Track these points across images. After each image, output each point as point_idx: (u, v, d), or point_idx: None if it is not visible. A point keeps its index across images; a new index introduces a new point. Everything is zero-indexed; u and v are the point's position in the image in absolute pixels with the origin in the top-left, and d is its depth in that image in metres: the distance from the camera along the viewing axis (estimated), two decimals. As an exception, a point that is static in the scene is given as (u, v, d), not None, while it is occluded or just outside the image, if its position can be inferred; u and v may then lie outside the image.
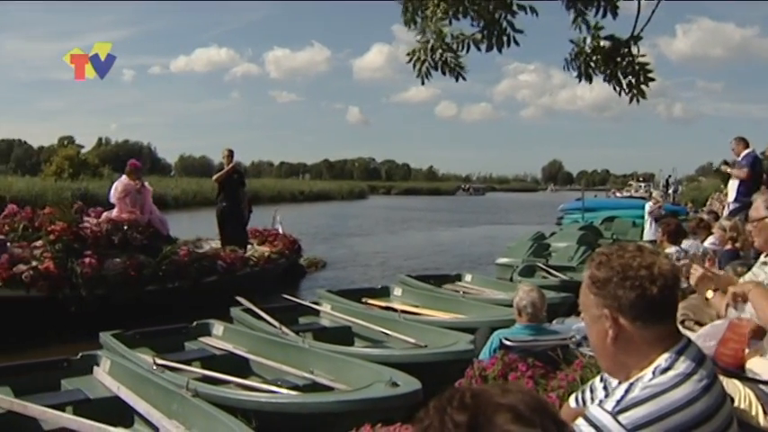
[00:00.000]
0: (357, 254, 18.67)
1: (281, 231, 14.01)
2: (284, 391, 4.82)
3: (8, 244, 8.64)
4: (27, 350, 6.79)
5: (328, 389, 4.99)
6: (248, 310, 7.40)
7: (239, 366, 5.80)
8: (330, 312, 7.77)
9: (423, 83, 4.86)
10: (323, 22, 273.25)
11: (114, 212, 10.15)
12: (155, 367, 5.28)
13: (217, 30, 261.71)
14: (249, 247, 12.26)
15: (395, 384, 4.48)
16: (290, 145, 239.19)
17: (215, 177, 12.50)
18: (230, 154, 12.24)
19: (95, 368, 5.54)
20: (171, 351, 6.10)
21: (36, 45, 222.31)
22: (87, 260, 8.54)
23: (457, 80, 4.92)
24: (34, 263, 8.31)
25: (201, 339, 6.65)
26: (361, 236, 24.65)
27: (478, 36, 4.83)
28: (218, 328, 6.81)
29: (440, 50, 4.72)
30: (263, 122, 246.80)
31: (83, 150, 54.54)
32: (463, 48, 4.82)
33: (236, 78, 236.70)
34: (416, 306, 8.30)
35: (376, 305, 8.30)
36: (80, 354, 5.65)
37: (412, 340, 6.28)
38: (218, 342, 6.50)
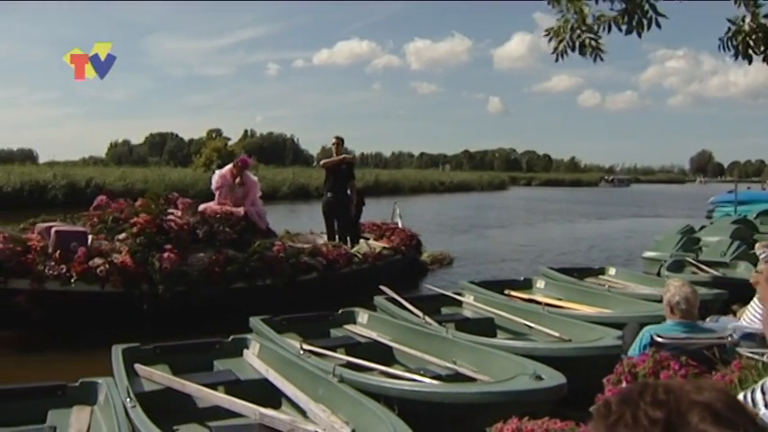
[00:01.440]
0: (492, 247, 18.25)
1: (400, 225, 13.22)
2: (427, 380, 4.84)
3: (90, 236, 8.36)
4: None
5: (471, 380, 4.97)
6: (392, 299, 7.49)
7: (383, 354, 5.88)
8: (472, 303, 7.74)
9: (557, 60, 4.77)
10: (464, 12, 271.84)
11: (212, 204, 10.04)
12: (302, 352, 5.43)
13: (358, 22, 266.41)
14: (363, 242, 11.60)
15: (539, 378, 4.41)
16: (430, 136, 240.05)
17: (323, 162, 12.14)
18: (339, 142, 11.72)
19: (245, 351, 5.77)
20: (317, 337, 6.26)
21: (187, 43, 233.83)
22: (166, 254, 8.10)
23: (594, 61, 4.81)
24: (116, 257, 7.97)
25: (346, 327, 6.80)
26: (500, 228, 24.34)
27: (619, 18, 4.69)
28: (362, 316, 6.93)
29: (579, 30, 4.61)
30: (403, 113, 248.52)
31: (230, 142, 56.57)
32: (604, 29, 4.69)
33: (378, 70, 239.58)
34: (559, 299, 8.14)
35: (518, 297, 8.19)
36: (231, 337, 5.90)
37: (556, 334, 6.16)
38: (363, 330, 6.61)
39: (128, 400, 4.28)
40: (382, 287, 7.82)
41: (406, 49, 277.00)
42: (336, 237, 11.32)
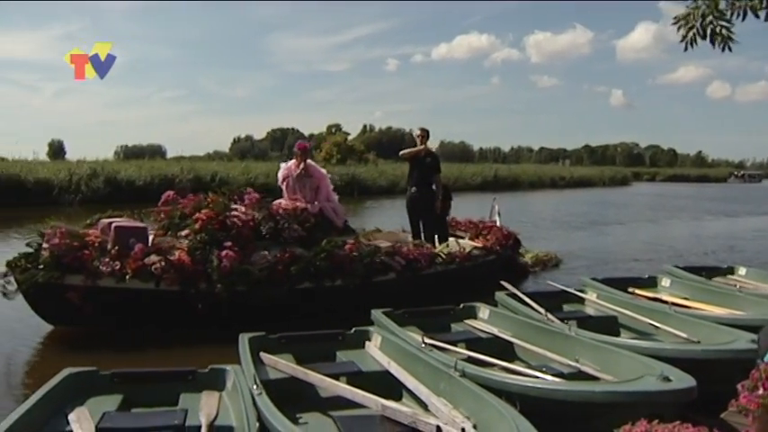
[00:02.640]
0: (610, 245, 17.41)
1: (498, 223, 12.33)
2: (549, 377, 4.77)
3: (151, 232, 8.29)
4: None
5: (594, 379, 4.87)
6: (513, 295, 7.43)
7: (504, 350, 5.84)
8: (595, 301, 7.58)
9: (686, 49, 4.58)
10: (586, 3, 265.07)
11: (283, 200, 9.64)
12: (423, 345, 5.47)
13: (478, 16, 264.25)
14: (452, 240, 10.86)
15: (667, 379, 4.28)
16: (550, 130, 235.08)
17: (401, 153, 11.52)
18: (424, 134, 10.94)
19: (367, 343, 5.85)
20: (438, 331, 6.27)
21: (307, 41, 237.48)
22: (225, 252, 7.76)
23: (723, 50, 4.57)
24: (176, 254, 7.76)
25: (467, 321, 6.78)
26: (619, 225, 23.67)
27: (757, 3, 4.45)
28: (483, 311, 6.89)
29: (711, 17, 4.42)
30: (522, 108, 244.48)
31: (349, 137, 57.40)
32: (738, 15, 4.47)
33: (497, 64, 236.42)
34: (686, 299, 7.84)
35: (643, 296, 7.96)
36: (353, 329, 6.01)
37: (683, 335, 5.94)
38: (484, 325, 6.57)
39: (254, 387, 4.42)
40: (503, 282, 7.76)
41: (526, 42, 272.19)
42: (422, 235, 10.69)
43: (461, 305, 7.02)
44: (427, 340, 5.57)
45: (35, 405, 4.14)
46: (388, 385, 4.93)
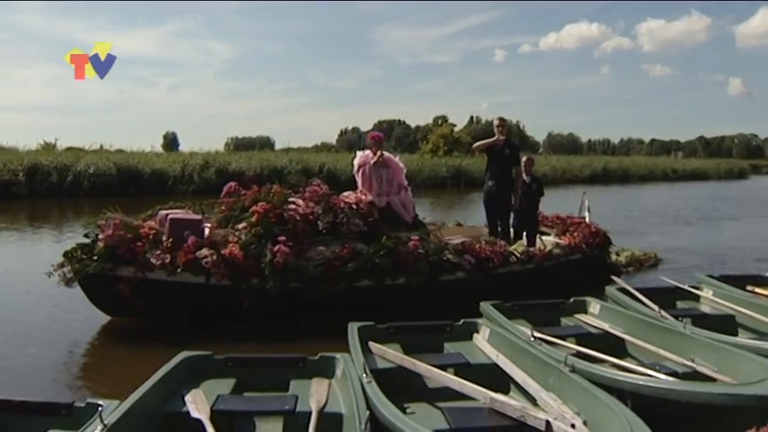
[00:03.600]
0: (721, 243, 16.22)
1: (587, 219, 11.27)
2: (662, 376, 4.63)
3: (207, 225, 8.22)
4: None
5: (710, 379, 4.71)
6: (624, 290, 7.26)
7: (614, 346, 5.71)
8: (711, 298, 7.30)
9: None
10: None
11: (352, 192, 9.20)
12: (532, 339, 5.42)
13: (588, 4, 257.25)
14: (537, 238, 10.32)
15: None
16: (662, 121, 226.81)
17: (475, 145, 10.95)
18: (502, 124, 10.34)
19: (475, 335, 5.83)
20: (547, 325, 6.20)
21: (414, 32, 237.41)
22: (278, 247, 7.47)
23: None
24: (228, 247, 7.56)
25: (577, 316, 6.67)
26: (732, 220, 22.54)
27: None
28: (594, 306, 6.76)
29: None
30: (633, 98, 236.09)
31: (456, 129, 57.07)
32: None
33: (607, 53, 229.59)
34: (812, 299, 7.46)
35: (763, 294, 7.57)
36: (461, 320, 5.99)
37: (808, 337, 5.68)
38: (594, 320, 6.45)
39: (364, 375, 4.48)
40: (613, 277, 7.58)
41: (638, 31, 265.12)
42: (500, 231, 10.03)
43: (571, 299, 6.90)
44: (536, 334, 5.52)
45: (154, 386, 4.31)
46: (495, 378, 4.90)
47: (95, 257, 7.39)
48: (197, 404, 4.16)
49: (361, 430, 3.53)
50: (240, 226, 7.91)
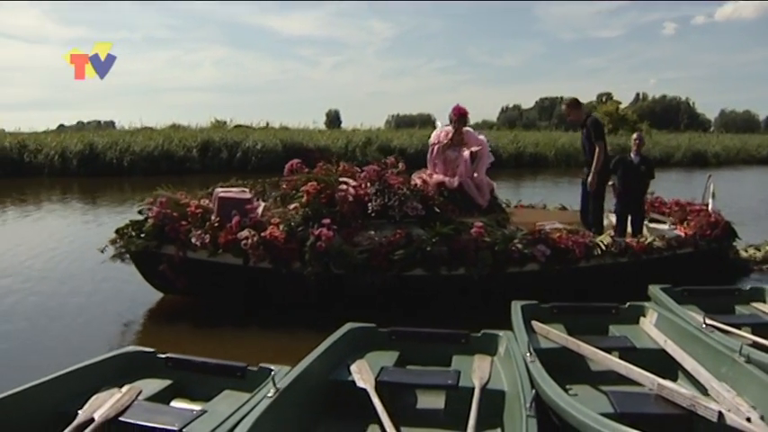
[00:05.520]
0: None
1: (710, 207, 9.76)
2: None
3: (257, 203, 7.93)
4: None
5: None
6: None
7: (795, 338, 5.38)
8: None
9: None
10: None
11: (423, 172, 8.76)
12: (704, 326, 5.20)
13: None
14: (651, 225, 9.30)
15: None
16: None
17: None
18: (571, 104, 9.63)
19: (642, 319, 5.67)
20: (720, 312, 5.90)
21: (578, 7, 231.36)
22: (323, 230, 7.07)
23: None
24: (281, 228, 7.26)
25: (754, 304, 6.32)
26: None
27: None
28: None
29: None
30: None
31: (621, 106, 55.09)
32: None
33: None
34: None
35: None
36: (628, 303, 5.83)
37: None
38: (773, 309, 6.10)
39: (527, 354, 4.45)
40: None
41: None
42: (591, 219, 9.04)
43: (748, 287, 6.58)
44: (709, 321, 5.29)
45: (321, 354, 4.47)
46: (663, 364, 4.74)
47: (143, 235, 7.45)
48: (362, 374, 4.28)
49: (527, 408, 3.51)
50: (291, 207, 7.65)
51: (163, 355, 4.54)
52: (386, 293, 7.02)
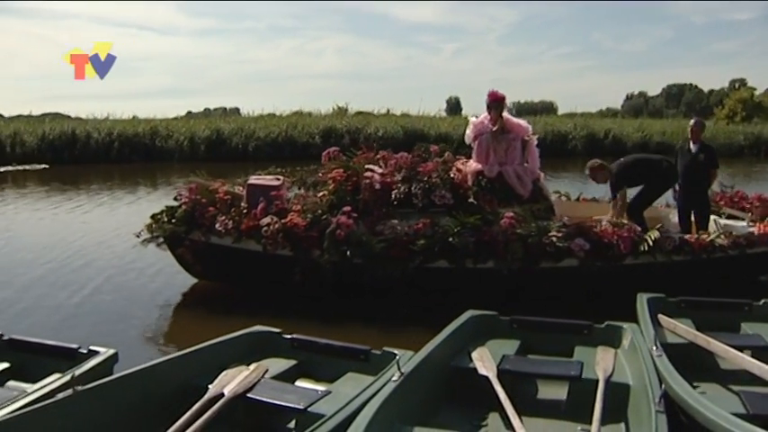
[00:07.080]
0: None
1: None
2: None
3: (286, 188, 7.85)
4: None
5: None
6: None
7: None
8: None
9: None
10: None
11: (462, 162, 8.21)
12: None
13: None
14: (712, 222, 8.26)
15: None
16: None
17: None
18: (597, 167, 8.46)
19: (777, 317, 5.41)
20: None
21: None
22: (341, 218, 6.92)
23: None
24: (309, 215, 7.16)
25: None
26: None
27: None
28: None
29: None
30: None
31: (756, 92, 52.47)
32: None
33: None
34: None
35: None
36: (762, 300, 5.54)
37: None
38: None
39: (654, 348, 4.34)
40: None
41: None
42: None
43: None
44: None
45: (444, 341, 4.49)
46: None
47: (174, 220, 7.56)
48: (483, 362, 4.27)
49: (656, 403, 3.43)
50: (320, 194, 7.59)
51: (289, 336, 4.68)
52: (406, 285, 6.80)
